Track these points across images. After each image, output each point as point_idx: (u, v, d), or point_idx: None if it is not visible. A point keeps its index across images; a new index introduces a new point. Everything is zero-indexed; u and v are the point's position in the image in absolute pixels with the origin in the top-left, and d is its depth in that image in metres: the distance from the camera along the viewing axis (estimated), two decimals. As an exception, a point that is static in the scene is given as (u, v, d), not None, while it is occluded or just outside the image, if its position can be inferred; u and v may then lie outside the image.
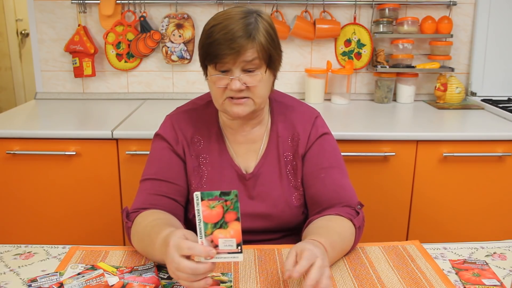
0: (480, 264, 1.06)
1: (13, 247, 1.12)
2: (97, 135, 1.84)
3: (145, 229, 1.05)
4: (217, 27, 1.07)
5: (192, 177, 1.21)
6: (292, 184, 1.22)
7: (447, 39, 2.36)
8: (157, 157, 1.22)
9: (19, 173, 1.88)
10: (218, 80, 1.10)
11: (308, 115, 1.25)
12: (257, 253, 1.10)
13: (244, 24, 1.07)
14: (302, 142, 1.22)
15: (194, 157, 1.21)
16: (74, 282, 0.95)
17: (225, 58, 1.07)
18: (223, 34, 1.06)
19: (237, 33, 1.05)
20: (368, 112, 2.24)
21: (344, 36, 2.40)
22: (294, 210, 1.22)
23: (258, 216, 1.21)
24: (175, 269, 0.86)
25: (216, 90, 1.12)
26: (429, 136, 1.86)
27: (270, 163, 1.22)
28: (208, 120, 1.24)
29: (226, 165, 1.21)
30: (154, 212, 1.12)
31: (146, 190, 1.17)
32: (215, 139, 1.22)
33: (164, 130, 1.23)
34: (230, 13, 1.09)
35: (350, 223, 1.11)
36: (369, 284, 0.98)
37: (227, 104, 1.13)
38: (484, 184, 1.91)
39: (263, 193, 1.21)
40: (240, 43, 1.05)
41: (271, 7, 2.35)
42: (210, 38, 1.07)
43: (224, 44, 1.06)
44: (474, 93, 2.44)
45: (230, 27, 1.06)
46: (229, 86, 1.09)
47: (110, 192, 1.89)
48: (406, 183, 1.91)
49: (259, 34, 1.08)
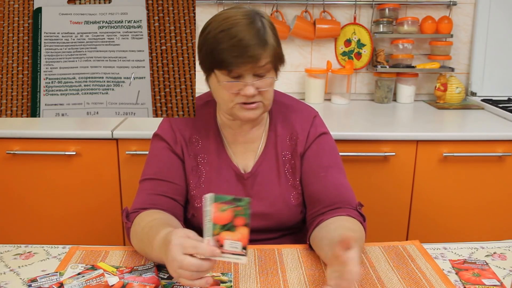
0: (480, 264, 1.06)
1: (13, 247, 1.12)
2: (97, 135, 1.84)
3: (143, 230, 1.05)
4: (227, 33, 1.05)
5: (190, 177, 1.21)
6: (290, 183, 1.22)
7: (447, 39, 2.36)
8: (156, 157, 1.22)
9: (19, 173, 1.88)
10: (230, 86, 1.09)
11: (306, 114, 1.25)
12: (257, 253, 1.10)
13: (255, 30, 1.05)
14: (300, 141, 1.22)
15: (192, 157, 1.21)
16: (74, 282, 0.95)
17: (241, 67, 1.06)
18: (237, 41, 1.04)
19: (251, 40, 1.04)
20: (368, 112, 2.24)
21: (344, 36, 2.40)
22: (292, 209, 1.22)
23: (256, 216, 1.19)
24: (178, 267, 0.86)
25: (227, 96, 1.10)
26: (429, 136, 1.86)
27: (268, 162, 1.22)
28: (207, 120, 1.24)
29: (224, 165, 1.22)
30: (153, 212, 1.12)
31: (146, 190, 1.17)
32: (213, 139, 1.22)
33: (163, 130, 1.23)
34: (234, 17, 1.07)
35: (361, 226, 1.11)
36: (369, 284, 0.98)
37: (237, 109, 1.12)
38: (484, 184, 1.91)
39: (261, 192, 1.21)
40: (256, 51, 1.04)
41: (271, 7, 2.35)
42: (221, 44, 1.05)
43: (238, 52, 1.04)
44: (474, 93, 2.44)
45: (242, 34, 1.04)
46: (242, 92, 1.08)
47: (110, 192, 1.89)
48: (406, 183, 1.91)
49: (270, 38, 1.07)
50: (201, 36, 1.11)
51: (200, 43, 1.11)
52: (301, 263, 1.06)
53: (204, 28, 1.11)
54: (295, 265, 1.05)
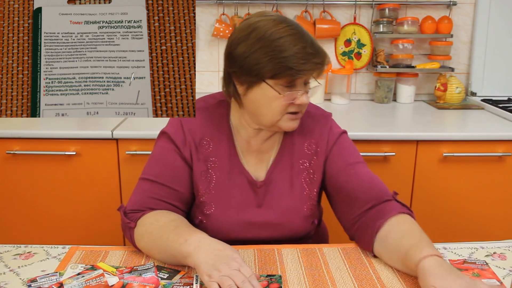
0: (480, 264, 1.06)
1: (13, 247, 1.12)
2: (97, 135, 1.84)
3: (164, 228, 1.04)
4: (291, 40, 1.01)
5: (199, 182, 1.15)
6: (305, 193, 1.18)
7: (447, 39, 2.36)
8: (160, 158, 1.16)
9: (19, 173, 1.88)
10: (289, 96, 1.05)
11: (323, 119, 1.21)
12: (257, 253, 1.10)
13: (310, 36, 1.04)
14: (321, 150, 1.18)
15: (202, 160, 1.15)
16: (74, 282, 0.95)
17: (307, 74, 1.03)
18: (301, 48, 1.01)
19: (315, 45, 1.02)
20: (368, 112, 2.24)
21: (344, 36, 2.40)
22: (303, 220, 1.18)
23: (266, 225, 1.17)
24: (235, 267, 0.88)
25: (280, 107, 1.06)
26: (429, 136, 1.86)
27: (281, 170, 1.18)
28: (219, 121, 1.17)
29: (236, 170, 1.16)
30: (169, 213, 1.11)
31: (145, 191, 1.14)
32: (225, 142, 1.16)
33: (172, 129, 1.17)
34: (285, 21, 1.04)
35: (413, 219, 1.10)
36: (369, 284, 0.98)
37: (285, 120, 1.08)
38: (484, 184, 1.91)
39: (272, 201, 1.17)
40: (322, 57, 1.03)
41: (271, 7, 2.35)
42: (287, 51, 1.00)
43: (306, 59, 1.01)
44: (474, 93, 2.44)
45: (305, 38, 1.02)
46: (297, 100, 1.05)
47: (110, 192, 1.89)
48: (406, 183, 1.91)
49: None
50: (244, 44, 1.05)
51: (247, 51, 1.04)
52: (301, 263, 1.06)
53: (247, 35, 1.05)
54: (295, 265, 1.05)
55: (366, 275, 1.02)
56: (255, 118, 1.12)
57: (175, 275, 1.00)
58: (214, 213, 1.15)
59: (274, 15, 1.07)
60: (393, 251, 1.03)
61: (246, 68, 1.05)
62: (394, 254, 1.03)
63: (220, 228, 1.15)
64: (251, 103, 1.09)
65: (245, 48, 1.04)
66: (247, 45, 1.04)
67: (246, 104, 1.11)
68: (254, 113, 1.11)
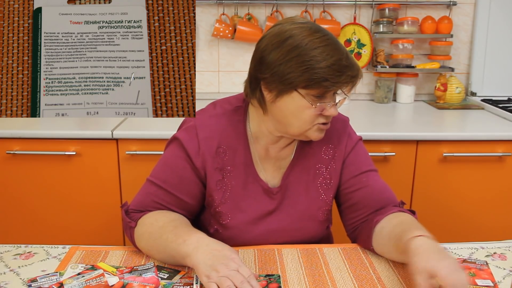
0: (480, 264, 1.06)
1: (13, 247, 1.12)
2: (97, 135, 1.84)
3: (164, 228, 1.03)
4: (325, 50, 0.99)
5: (215, 192, 1.12)
6: (321, 198, 1.17)
7: (447, 39, 2.36)
8: (170, 163, 1.13)
9: (19, 173, 1.88)
10: (319, 107, 1.02)
11: (340, 124, 1.20)
12: (257, 253, 1.10)
13: (345, 48, 1.02)
14: (339, 155, 1.17)
15: (218, 170, 1.12)
16: (74, 282, 0.95)
17: (341, 86, 1.02)
18: (337, 59, 0.99)
19: (350, 58, 1.01)
20: (368, 112, 2.24)
21: (344, 36, 2.40)
22: (318, 224, 1.18)
23: (282, 231, 1.16)
24: (233, 267, 0.88)
25: (310, 117, 1.04)
26: (429, 136, 1.86)
27: (296, 174, 1.16)
28: (236, 128, 1.13)
29: (250, 179, 1.14)
30: (169, 213, 1.10)
31: (149, 194, 1.13)
32: (241, 150, 1.13)
33: (186, 136, 1.12)
34: (320, 31, 1.01)
35: (412, 217, 1.11)
36: (369, 284, 0.98)
37: (314, 130, 1.06)
38: (484, 184, 1.91)
39: (288, 207, 1.16)
40: (356, 70, 1.02)
41: (271, 7, 2.35)
42: (323, 62, 0.98)
43: (343, 71, 0.99)
44: (474, 93, 2.44)
45: (341, 50, 1.00)
46: (326, 112, 1.03)
47: (110, 192, 1.89)
48: (406, 183, 1.91)
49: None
50: (277, 51, 1.01)
51: (280, 59, 1.01)
52: (301, 263, 1.06)
53: (281, 42, 1.01)
54: (295, 265, 1.05)
55: (366, 275, 1.02)
56: (280, 127, 1.09)
57: (175, 275, 1.00)
58: (231, 224, 1.14)
59: (309, 22, 1.04)
60: (388, 239, 1.05)
61: (278, 76, 1.01)
62: (389, 241, 1.04)
63: (237, 238, 1.14)
64: (279, 111, 1.06)
65: (279, 55, 1.01)
66: (281, 52, 1.00)
67: (273, 112, 1.07)
68: (280, 122, 1.08)
